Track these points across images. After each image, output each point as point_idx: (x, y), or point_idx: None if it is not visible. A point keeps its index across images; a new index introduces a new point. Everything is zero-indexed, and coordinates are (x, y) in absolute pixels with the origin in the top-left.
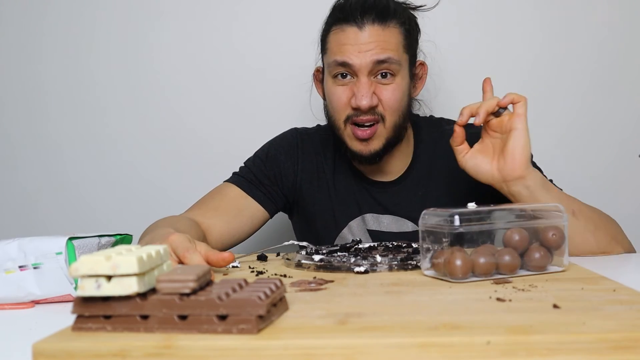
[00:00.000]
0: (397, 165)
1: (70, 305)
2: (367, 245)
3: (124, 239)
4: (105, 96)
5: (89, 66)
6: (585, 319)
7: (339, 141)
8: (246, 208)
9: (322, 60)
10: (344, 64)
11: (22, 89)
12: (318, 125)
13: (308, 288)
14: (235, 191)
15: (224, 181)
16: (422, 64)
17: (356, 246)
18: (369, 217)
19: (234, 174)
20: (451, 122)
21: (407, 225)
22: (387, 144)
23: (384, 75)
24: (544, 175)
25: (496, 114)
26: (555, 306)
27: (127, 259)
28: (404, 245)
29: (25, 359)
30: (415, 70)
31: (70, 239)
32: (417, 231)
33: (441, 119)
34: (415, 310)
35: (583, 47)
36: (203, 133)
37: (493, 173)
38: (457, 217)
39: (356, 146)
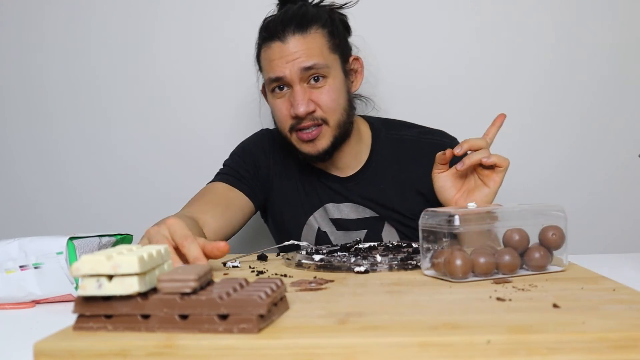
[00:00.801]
0: (351, 162)
1: (70, 305)
2: (367, 245)
3: (124, 239)
4: (105, 96)
5: (89, 67)
6: (585, 318)
7: (291, 147)
8: (235, 199)
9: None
10: (276, 79)
11: (22, 88)
12: None
13: (308, 288)
14: (222, 186)
15: (208, 183)
16: (356, 58)
17: (356, 246)
18: (330, 206)
19: (216, 174)
20: (412, 127)
21: (365, 212)
22: (335, 141)
23: (316, 79)
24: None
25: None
26: (555, 306)
27: (128, 258)
28: (404, 245)
29: (26, 359)
30: (349, 67)
31: (71, 238)
32: (375, 217)
33: (401, 122)
34: (416, 309)
35: (579, 45)
36: (203, 133)
37: (450, 202)
38: (457, 217)
39: (305, 148)
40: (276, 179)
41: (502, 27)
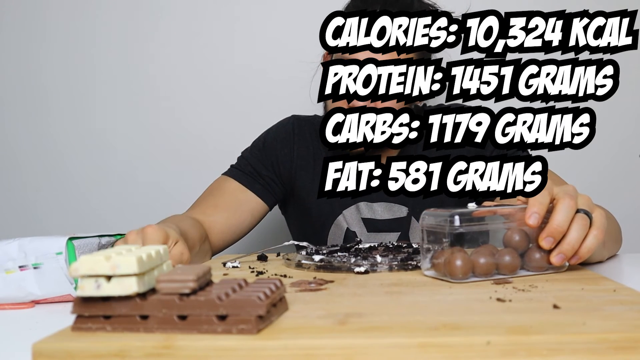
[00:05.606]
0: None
1: (70, 305)
2: (367, 245)
3: None
4: (105, 96)
5: (89, 66)
6: (585, 319)
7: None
8: (246, 202)
9: None
10: None
11: (22, 88)
12: (315, 115)
13: (308, 288)
14: (234, 185)
15: (222, 174)
16: None
17: (356, 246)
18: (362, 205)
19: (232, 166)
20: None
21: (401, 211)
22: None
23: None
24: None
25: None
26: (555, 306)
27: (126, 259)
28: (404, 245)
29: (25, 359)
30: None
31: (71, 239)
32: (410, 215)
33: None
34: (415, 310)
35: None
36: (202, 133)
37: None
38: (457, 217)
39: None
40: (301, 172)
41: None
